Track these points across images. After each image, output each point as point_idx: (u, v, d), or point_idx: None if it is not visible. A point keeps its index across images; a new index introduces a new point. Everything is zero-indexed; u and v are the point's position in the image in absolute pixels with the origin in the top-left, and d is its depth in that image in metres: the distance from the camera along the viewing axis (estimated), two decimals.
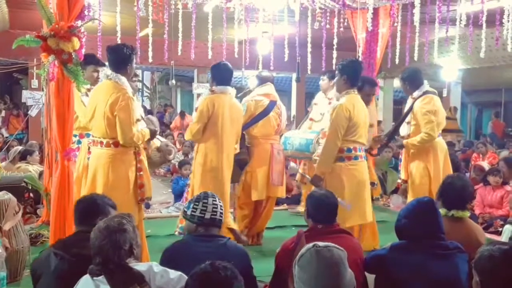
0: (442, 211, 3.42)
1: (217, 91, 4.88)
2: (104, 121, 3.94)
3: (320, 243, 2.22)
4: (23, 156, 7.39)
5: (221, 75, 4.94)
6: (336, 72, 4.72)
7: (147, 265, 2.38)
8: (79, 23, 3.90)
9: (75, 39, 3.79)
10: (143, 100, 17.60)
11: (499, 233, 5.72)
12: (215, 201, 2.98)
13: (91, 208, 2.88)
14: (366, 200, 4.67)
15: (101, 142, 4.05)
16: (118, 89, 3.95)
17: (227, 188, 4.90)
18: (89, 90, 4.60)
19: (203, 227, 2.94)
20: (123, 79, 4.03)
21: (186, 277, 2.29)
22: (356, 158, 4.58)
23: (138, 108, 4.19)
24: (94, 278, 2.29)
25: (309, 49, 7.36)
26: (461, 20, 6.52)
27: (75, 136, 4.71)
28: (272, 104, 5.35)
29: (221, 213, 2.98)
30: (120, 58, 4.06)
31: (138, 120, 4.10)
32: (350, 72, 4.58)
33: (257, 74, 5.64)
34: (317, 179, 4.54)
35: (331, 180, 4.52)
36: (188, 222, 3.00)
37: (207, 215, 2.92)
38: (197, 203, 2.96)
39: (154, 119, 4.90)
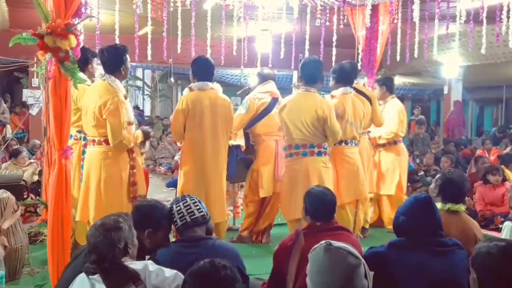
0: (438, 205, 3.43)
1: (194, 87, 4.52)
2: (94, 121, 3.98)
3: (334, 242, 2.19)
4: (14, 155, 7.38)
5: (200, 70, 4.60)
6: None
7: (142, 263, 2.36)
8: (76, 20, 3.88)
9: (72, 37, 3.74)
10: (143, 99, 17.60)
11: (499, 230, 5.70)
12: (186, 202, 2.90)
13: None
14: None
15: (93, 141, 4.09)
16: (109, 92, 3.96)
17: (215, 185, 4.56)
18: None
19: (187, 231, 2.86)
20: (117, 81, 4.05)
21: (181, 275, 2.28)
22: (291, 155, 4.67)
23: (129, 111, 4.16)
24: (90, 276, 2.28)
25: (307, 46, 7.34)
26: (461, 16, 6.49)
27: (80, 132, 4.69)
28: (274, 101, 5.34)
29: (198, 209, 2.89)
30: (113, 60, 4.06)
31: (130, 123, 4.09)
32: (305, 72, 4.78)
33: (258, 72, 5.62)
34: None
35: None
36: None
37: (188, 218, 2.85)
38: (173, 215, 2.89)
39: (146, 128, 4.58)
